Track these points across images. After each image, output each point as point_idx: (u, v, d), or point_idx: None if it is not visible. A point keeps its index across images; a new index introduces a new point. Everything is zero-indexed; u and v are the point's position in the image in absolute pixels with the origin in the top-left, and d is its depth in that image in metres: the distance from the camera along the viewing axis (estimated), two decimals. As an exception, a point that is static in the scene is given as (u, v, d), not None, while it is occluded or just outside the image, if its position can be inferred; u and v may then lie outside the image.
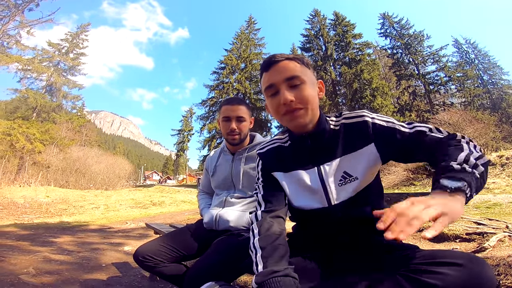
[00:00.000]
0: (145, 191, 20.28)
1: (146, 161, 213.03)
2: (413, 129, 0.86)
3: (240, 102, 1.61)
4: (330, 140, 0.94)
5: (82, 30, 28.75)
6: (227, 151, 1.69)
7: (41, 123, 21.57)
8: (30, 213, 7.76)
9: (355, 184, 0.89)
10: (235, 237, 1.37)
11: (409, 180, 11.71)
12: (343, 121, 0.95)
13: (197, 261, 1.26)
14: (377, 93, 24.16)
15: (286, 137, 1.05)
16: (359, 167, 0.90)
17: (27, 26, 20.68)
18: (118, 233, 5.40)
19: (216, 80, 31.10)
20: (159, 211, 10.40)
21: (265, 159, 1.07)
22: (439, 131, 0.84)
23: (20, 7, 20.07)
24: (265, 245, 0.84)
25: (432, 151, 0.81)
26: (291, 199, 0.99)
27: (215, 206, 1.59)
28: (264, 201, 0.99)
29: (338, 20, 29.17)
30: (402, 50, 28.93)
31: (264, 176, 1.05)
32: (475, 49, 30.23)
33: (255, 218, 0.96)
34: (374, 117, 0.91)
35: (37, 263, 2.72)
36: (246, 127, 1.59)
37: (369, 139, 0.90)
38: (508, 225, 3.27)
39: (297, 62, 0.91)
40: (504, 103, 26.56)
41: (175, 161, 56.65)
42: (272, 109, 0.94)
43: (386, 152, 0.89)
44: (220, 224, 1.47)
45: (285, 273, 0.76)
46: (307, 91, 0.88)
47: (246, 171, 1.56)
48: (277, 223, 0.93)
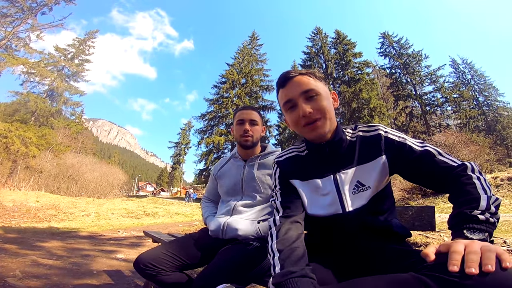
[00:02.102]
0: (138, 201, 20.00)
1: (141, 172, 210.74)
2: (423, 148, 0.90)
3: (253, 108, 1.70)
4: (347, 150, 0.98)
5: (90, 36, 29.09)
6: (238, 157, 1.69)
7: (39, 128, 21.41)
8: (17, 217, 7.56)
9: (368, 193, 0.93)
10: (243, 246, 1.34)
11: (404, 199, 11.73)
12: (359, 133, 1.00)
13: (205, 269, 1.22)
14: (374, 113, 24.52)
15: (303, 146, 1.09)
16: (371, 177, 0.93)
17: (37, 30, 20.83)
18: (110, 241, 5.23)
19: (216, 94, 31.40)
20: (153, 222, 10.18)
21: (283, 167, 1.10)
22: (450, 158, 0.87)
23: (33, 10, 20.28)
24: (283, 248, 0.85)
25: (442, 180, 0.85)
26: (307, 207, 1.01)
27: (222, 214, 1.56)
28: (282, 207, 1.01)
29: (339, 39, 29.95)
30: (400, 70, 29.66)
31: (282, 183, 1.08)
32: (471, 69, 31.01)
33: (273, 223, 0.98)
34: (388, 131, 0.97)
35: (24, 266, 2.60)
36: (258, 132, 1.64)
37: (381, 150, 0.94)
38: (506, 241, 3.32)
39: (310, 76, 0.97)
40: (498, 125, 27.13)
41: (170, 173, 56.21)
42: (292, 122, 0.98)
43: (394, 164, 0.93)
44: (227, 232, 1.43)
45: (302, 273, 0.76)
46: (323, 102, 0.93)
47: (259, 177, 1.55)
48: (295, 227, 0.94)
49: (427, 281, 0.58)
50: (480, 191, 0.75)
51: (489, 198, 0.73)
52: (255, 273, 1.26)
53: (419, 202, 11.17)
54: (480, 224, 0.69)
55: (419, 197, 11.40)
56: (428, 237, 3.52)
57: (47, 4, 20.34)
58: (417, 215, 1.44)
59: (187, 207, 17.41)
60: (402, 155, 0.91)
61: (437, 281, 0.57)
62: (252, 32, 35.62)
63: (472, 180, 0.78)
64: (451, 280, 0.55)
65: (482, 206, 0.71)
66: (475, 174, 0.80)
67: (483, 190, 0.75)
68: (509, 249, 2.85)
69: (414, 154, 0.90)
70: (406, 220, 1.46)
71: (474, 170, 0.81)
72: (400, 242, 0.94)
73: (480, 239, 0.65)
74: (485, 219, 0.69)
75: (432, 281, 0.58)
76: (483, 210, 0.71)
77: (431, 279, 0.58)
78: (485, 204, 0.72)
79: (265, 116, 30.73)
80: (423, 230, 1.44)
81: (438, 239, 3.48)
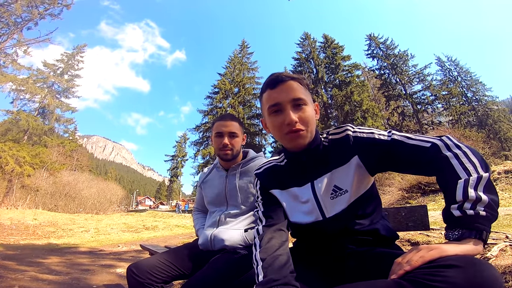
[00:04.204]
0: (137, 215, 19.77)
1: (139, 187, 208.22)
2: (390, 137, 0.89)
3: (232, 118, 1.62)
4: (322, 156, 0.97)
5: (78, 51, 28.77)
6: (220, 167, 1.67)
7: (32, 147, 21.12)
8: (16, 235, 7.44)
9: (346, 196, 0.91)
10: (230, 255, 1.36)
11: (404, 199, 11.65)
12: (330, 136, 0.99)
13: (192, 277, 1.23)
14: (367, 114, 24.70)
15: (282, 156, 1.09)
16: (347, 180, 0.92)
17: (24, 45, 20.46)
18: (110, 255, 5.17)
19: (210, 105, 31.33)
20: (152, 235, 10.05)
21: (263, 179, 1.10)
22: (420, 139, 0.85)
23: (19, 25, 19.97)
24: (265, 256, 0.86)
25: (421, 165, 0.83)
26: (289, 215, 1.02)
27: (208, 226, 1.56)
28: (265, 216, 1.02)
29: (328, 43, 30.34)
30: (389, 70, 30.07)
31: (263, 194, 1.09)
32: (457, 66, 31.45)
33: (256, 233, 0.98)
34: (356, 130, 0.95)
35: (23, 282, 2.58)
36: (238, 143, 1.59)
37: (352, 151, 0.93)
38: (508, 235, 3.29)
39: (301, 83, 0.95)
40: (490, 119, 27.46)
41: (169, 186, 55.75)
42: (274, 127, 0.95)
43: (369, 162, 0.91)
44: (215, 244, 1.44)
45: (285, 281, 0.77)
46: (308, 113, 0.92)
47: (241, 186, 1.55)
48: (278, 236, 0.95)
49: (407, 286, 0.59)
50: (460, 173, 0.72)
51: (467, 182, 0.70)
52: (243, 281, 1.26)
53: (419, 201, 11.09)
54: (456, 222, 0.70)
55: (419, 196, 11.34)
56: (429, 236, 3.52)
57: (32, 19, 20.09)
58: (410, 215, 1.44)
59: (187, 219, 17.22)
60: (375, 150, 0.89)
61: (416, 285, 0.58)
62: (242, 40, 35.85)
63: (449, 160, 0.75)
64: (430, 285, 0.56)
65: (458, 196, 0.70)
66: (451, 151, 0.77)
67: (463, 169, 0.72)
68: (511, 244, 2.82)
69: (384, 145, 0.88)
70: (399, 221, 1.46)
71: (449, 146, 0.78)
72: (388, 245, 0.93)
73: (456, 239, 0.68)
74: (461, 215, 0.68)
75: (412, 286, 0.59)
76: (460, 203, 0.70)
77: (410, 283, 0.59)
78: (461, 193, 0.70)
79: (259, 125, 30.78)
80: (417, 230, 1.44)
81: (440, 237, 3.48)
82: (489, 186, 0.70)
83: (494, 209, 0.68)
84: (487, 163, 0.74)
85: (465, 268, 0.56)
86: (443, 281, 0.55)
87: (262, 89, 1.01)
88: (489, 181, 0.70)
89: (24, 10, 19.66)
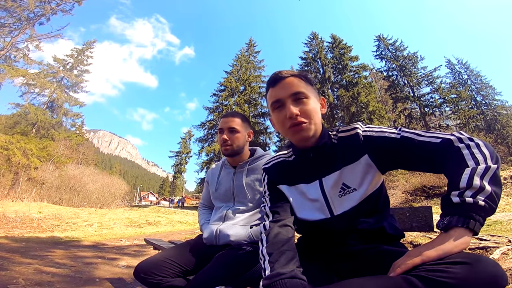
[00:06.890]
0: (140, 211, 19.94)
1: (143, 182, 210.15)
2: (401, 135, 0.88)
3: (234, 114, 1.64)
4: (330, 154, 0.97)
5: (88, 46, 29.07)
6: (227, 164, 1.69)
7: (40, 140, 21.40)
8: (20, 228, 7.52)
9: (355, 195, 0.92)
10: (235, 251, 1.36)
11: (408, 201, 11.57)
12: (339, 134, 0.99)
13: (198, 274, 1.24)
14: (374, 116, 24.44)
15: (290, 151, 1.09)
16: (356, 178, 0.92)
17: (36, 40, 20.84)
18: (113, 249, 5.23)
19: (215, 103, 31.42)
20: (155, 230, 10.13)
21: (271, 173, 1.11)
22: (430, 135, 0.83)
23: (31, 21, 20.29)
24: (272, 251, 0.87)
25: (432, 161, 0.81)
26: (296, 211, 1.02)
27: (214, 221, 1.57)
28: (272, 212, 1.02)
29: (335, 43, 30.01)
30: (397, 72, 29.62)
31: (270, 189, 1.09)
32: (467, 69, 31.10)
33: (263, 228, 0.99)
34: (365, 129, 0.95)
35: (27, 274, 2.61)
36: (239, 139, 1.59)
37: (362, 150, 0.93)
38: (510, 240, 3.29)
39: (301, 78, 0.97)
40: (498, 124, 27.09)
41: (172, 182, 56.06)
42: (278, 122, 0.98)
43: (380, 160, 0.91)
44: (220, 239, 1.45)
45: (292, 275, 0.78)
46: (311, 106, 0.93)
47: (248, 184, 1.56)
48: (285, 231, 0.95)
49: (415, 281, 0.60)
50: (469, 161, 0.71)
51: (474, 170, 0.69)
52: (248, 277, 1.28)
53: (423, 204, 10.98)
54: (452, 208, 0.69)
55: (423, 199, 11.26)
56: (431, 238, 3.50)
57: (44, 14, 20.35)
58: (414, 216, 1.44)
59: (189, 216, 17.32)
60: (385, 147, 0.89)
61: (425, 281, 0.59)
62: (249, 39, 35.91)
63: (460, 151, 0.75)
64: (438, 281, 0.58)
65: (462, 184, 0.69)
66: (463, 143, 0.76)
67: (472, 159, 0.71)
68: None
69: (394, 143, 0.87)
70: (404, 221, 1.45)
71: (462, 139, 0.77)
72: (393, 243, 0.93)
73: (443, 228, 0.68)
74: (459, 201, 0.67)
75: (420, 282, 0.60)
76: (463, 189, 0.68)
77: (419, 280, 0.60)
78: (466, 180, 0.68)
79: (264, 123, 30.77)
80: (421, 230, 1.44)
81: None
82: (495, 178, 0.68)
83: (495, 202, 0.67)
84: (498, 157, 0.73)
85: (472, 265, 0.58)
86: (452, 277, 0.57)
87: (266, 88, 1.04)
88: (496, 173, 0.69)
89: (37, 6, 19.94)
